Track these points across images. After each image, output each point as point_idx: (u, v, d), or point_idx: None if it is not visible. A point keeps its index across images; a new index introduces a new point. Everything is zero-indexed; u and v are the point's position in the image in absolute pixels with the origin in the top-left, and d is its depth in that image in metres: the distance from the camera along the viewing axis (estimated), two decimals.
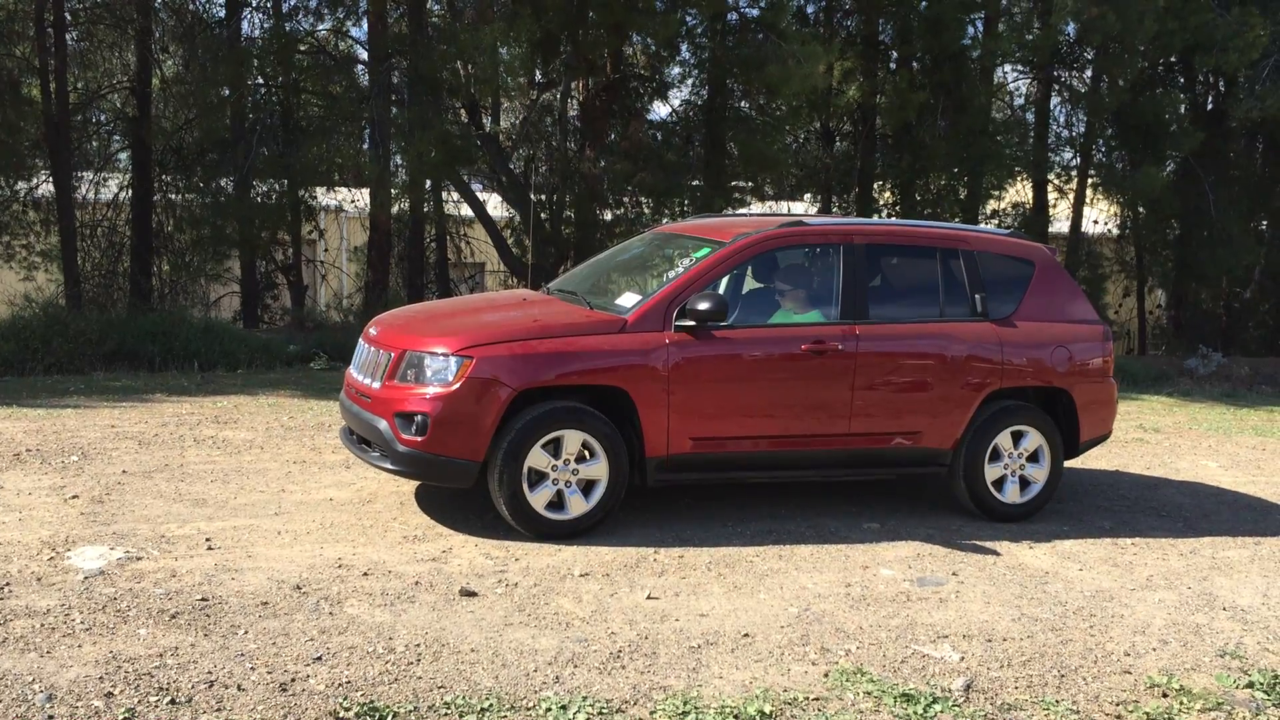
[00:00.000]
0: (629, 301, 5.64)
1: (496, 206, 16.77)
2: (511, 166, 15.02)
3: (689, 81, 15.82)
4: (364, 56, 16.07)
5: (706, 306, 5.38)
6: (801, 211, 16.80)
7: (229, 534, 5.17)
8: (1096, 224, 19.47)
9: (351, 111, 15.10)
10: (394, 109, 14.30)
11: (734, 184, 15.52)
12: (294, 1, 15.61)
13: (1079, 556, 5.59)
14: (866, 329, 5.80)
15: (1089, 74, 17.80)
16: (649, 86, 15.29)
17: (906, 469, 6.07)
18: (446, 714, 3.48)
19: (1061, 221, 19.01)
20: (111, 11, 15.29)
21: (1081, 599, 4.93)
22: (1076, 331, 6.32)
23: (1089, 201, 18.44)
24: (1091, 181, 17.99)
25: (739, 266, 5.93)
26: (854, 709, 3.71)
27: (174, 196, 15.74)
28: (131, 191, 15.37)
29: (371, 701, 3.51)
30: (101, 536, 5.02)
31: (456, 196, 16.68)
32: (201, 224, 14.59)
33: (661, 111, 34.77)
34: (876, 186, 17.34)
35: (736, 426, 5.60)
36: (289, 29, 14.90)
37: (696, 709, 3.61)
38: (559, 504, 5.32)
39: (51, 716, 3.30)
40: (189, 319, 12.20)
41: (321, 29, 16.33)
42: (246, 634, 3.98)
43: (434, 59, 13.09)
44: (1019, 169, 17.09)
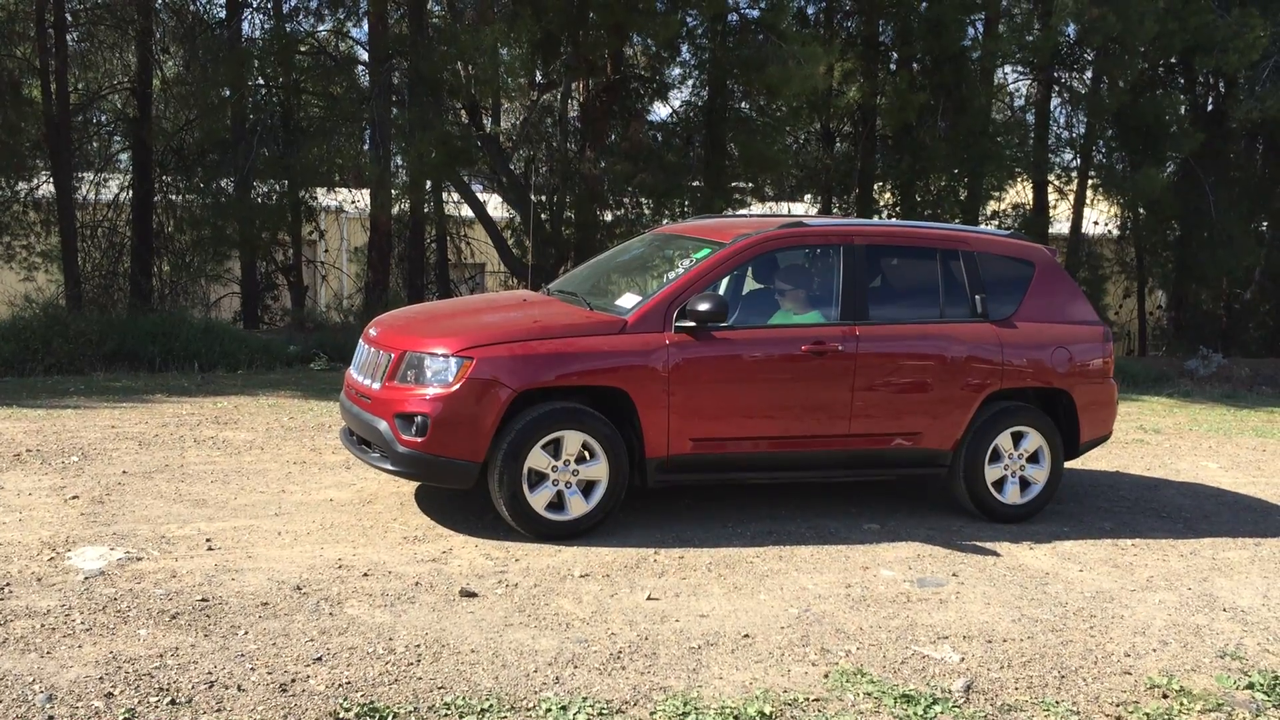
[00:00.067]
0: (629, 302, 5.64)
1: (497, 207, 16.78)
2: (512, 167, 15.03)
3: (689, 82, 15.86)
4: (364, 57, 16.08)
5: (707, 307, 5.37)
6: (802, 212, 16.81)
7: (229, 534, 5.17)
8: (1097, 225, 19.48)
9: (352, 112, 15.10)
10: (394, 110, 14.30)
11: (734, 185, 15.53)
12: (294, 2, 15.63)
13: (1079, 557, 5.59)
14: (867, 330, 5.80)
15: (1089, 75, 17.82)
16: (649, 87, 15.30)
17: (906, 470, 6.07)
18: (446, 714, 3.48)
19: (1062, 222, 19.02)
20: (112, 12, 15.30)
21: (1082, 600, 4.93)
22: (1077, 332, 6.32)
23: (1089, 202, 18.44)
24: (1092, 182, 18.00)
25: (739, 267, 5.93)
26: (854, 710, 3.71)
27: (174, 197, 15.76)
28: (132, 192, 15.38)
29: (371, 702, 3.52)
30: (102, 537, 5.02)
31: (457, 197, 16.69)
32: (202, 225, 14.60)
33: (662, 112, 34.83)
34: (877, 187, 17.35)
35: (737, 427, 5.60)
36: (289, 30, 14.91)
37: (696, 710, 3.61)
38: (559, 505, 5.32)
39: (51, 717, 3.30)
40: (189, 320, 12.22)
41: (322, 30, 16.35)
42: (247, 634, 3.98)
43: (434, 60, 13.10)
44: (1019, 170, 17.11)
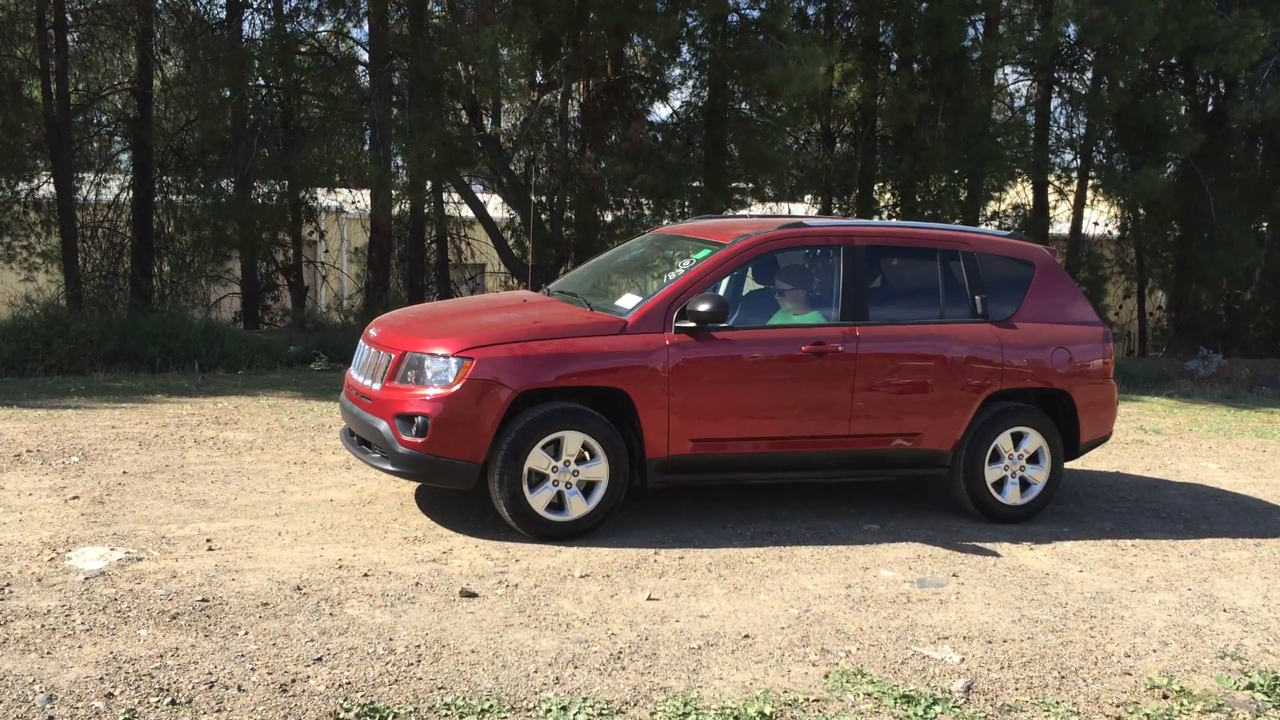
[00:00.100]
0: (629, 303, 5.64)
1: (497, 208, 16.79)
2: (512, 168, 15.03)
3: (689, 83, 15.86)
4: (365, 58, 16.07)
5: (707, 308, 5.38)
6: (802, 213, 16.82)
7: (229, 535, 5.17)
8: (1097, 225, 19.48)
9: (352, 113, 15.09)
10: (395, 110, 14.29)
11: (734, 185, 15.53)
12: (295, 3, 15.62)
13: (1079, 558, 5.59)
14: (867, 330, 5.80)
15: (1089, 76, 17.82)
16: (650, 88, 15.30)
17: (907, 470, 6.07)
18: (447, 715, 3.48)
19: (1062, 223, 19.02)
20: (112, 13, 15.30)
21: (1082, 600, 4.93)
22: (1076, 333, 6.32)
23: (1089, 203, 18.44)
24: (1092, 183, 18.00)
25: (739, 268, 5.93)
26: (854, 710, 3.71)
27: (175, 197, 15.75)
28: (132, 192, 15.38)
29: (372, 702, 3.52)
30: (102, 537, 5.02)
31: (457, 198, 16.68)
32: (202, 225, 14.60)
33: (662, 113, 34.77)
34: (877, 188, 17.35)
35: (737, 428, 5.60)
36: (290, 30, 14.91)
37: (696, 710, 3.61)
38: (559, 505, 5.32)
39: (52, 717, 3.30)
40: (189, 320, 12.21)
41: (322, 30, 16.34)
42: (247, 635, 3.98)
43: (435, 60, 13.10)
44: (1019, 170, 17.11)
